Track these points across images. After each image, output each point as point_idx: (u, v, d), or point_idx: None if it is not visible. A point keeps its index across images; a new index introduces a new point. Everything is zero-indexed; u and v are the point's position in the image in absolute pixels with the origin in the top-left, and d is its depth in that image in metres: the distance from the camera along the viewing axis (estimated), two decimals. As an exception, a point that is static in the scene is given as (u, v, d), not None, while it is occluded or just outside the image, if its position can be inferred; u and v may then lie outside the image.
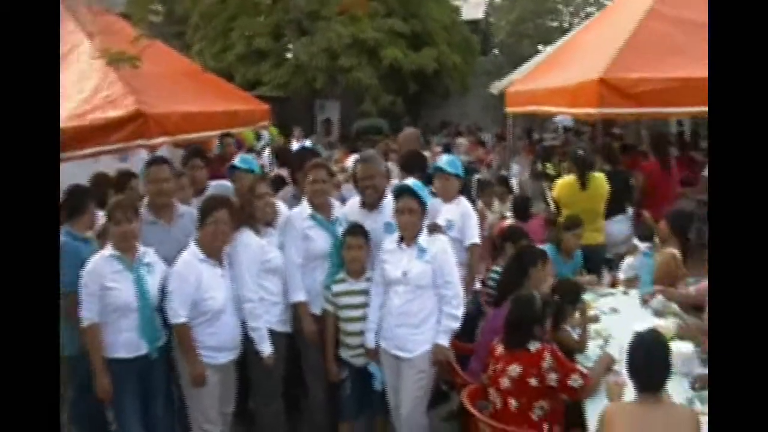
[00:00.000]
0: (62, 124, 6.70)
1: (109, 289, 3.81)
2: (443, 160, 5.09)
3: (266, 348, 4.09)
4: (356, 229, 4.24)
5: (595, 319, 4.50)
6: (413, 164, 5.27)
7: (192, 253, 3.98)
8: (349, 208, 4.59)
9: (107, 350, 3.87)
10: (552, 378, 3.45)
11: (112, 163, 7.61)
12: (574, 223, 5.30)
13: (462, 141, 13.40)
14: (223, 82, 10.47)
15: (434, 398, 4.41)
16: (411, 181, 4.14)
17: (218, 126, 8.24)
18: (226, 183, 5.34)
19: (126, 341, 3.88)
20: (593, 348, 4.10)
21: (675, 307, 4.65)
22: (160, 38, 8.72)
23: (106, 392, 3.85)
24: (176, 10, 17.66)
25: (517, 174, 10.85)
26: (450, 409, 4.86)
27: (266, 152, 10.59)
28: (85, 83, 6.99)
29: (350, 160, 9.66)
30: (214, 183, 5.44)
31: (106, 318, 3.86)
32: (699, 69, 6.51)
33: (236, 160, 5.46)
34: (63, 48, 7.51)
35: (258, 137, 9.65)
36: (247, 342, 4.13)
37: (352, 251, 4.20)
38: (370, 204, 4.41)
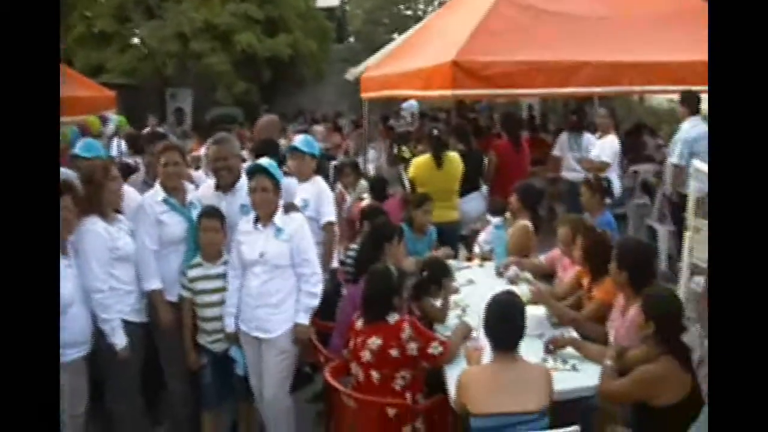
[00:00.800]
0: None
1: None
2: (297, 140, 5.11)
3: (119, 340, 3.87)
4: (211, 212, 4.12)
5: (454, 291, 4.63)
6: (266, 151, 5.19)
7: None
8: (202, 191, 4.47)
9: None
10: (412, 347, 3.50)
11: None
12: (423, 199, 5.41)
13: (319, 128, 13.37)
14: (63, 66, 9.85)
15: (298, 381, 4.37)
16: (264, 160, 4.06)
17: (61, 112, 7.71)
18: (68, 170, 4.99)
19: None
20: (452, 318, 4.23)
21: (528, 275, 4.88)
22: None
23: None
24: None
25: (374, 159, 10.95)
26: (315, 390, 4.84)
27: (114, 141, 10.08)
28: None
29: (204, 150, 9.38)
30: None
31: None
32: (546, 53, 6.93)
33: (79, 148, 5.11)
34: None
35: (104, 122, 9.13)
36: (99, 335, 3.88)
37: (208, 234, 4.07)
38: (225, 186, 4.30)
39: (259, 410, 4.13)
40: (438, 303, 4.30)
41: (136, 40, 18.00)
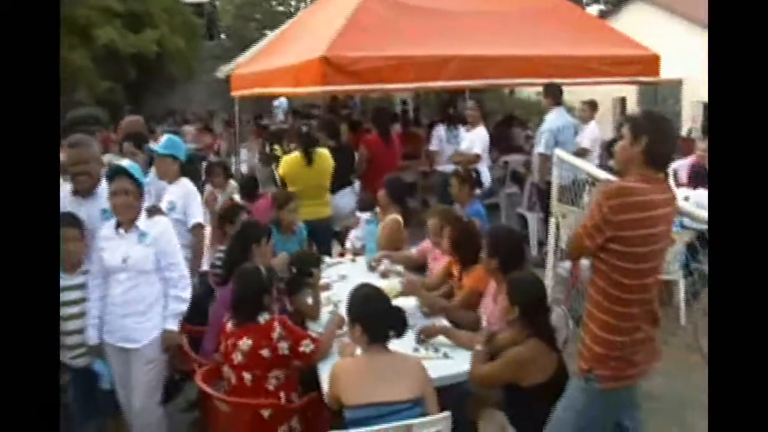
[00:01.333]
0: None
1: None
2: (159, 143, 4.99)
3: None
4: (68, 219, 3.88)
5: (326, 287, 4.63)
6: (140, 138, 5.30)
7: None
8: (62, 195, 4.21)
9: None
10: (283, 347, 3.48)
11: None
12: (288, 198, 5.34)
13: (189, 128, 13.07)
14: None
15: (170, 390, 4.23)
16: (125, 162, 3.90)
17: None
18: None
19: None
20: (324, 314, 4.23)
21: (399, 268, 4.96)
22: None
23: None
24: None
25: (247, 159, 10.80)
26: (188, 398, 4.69)
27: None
28: None
29: (63, 155, 8.90)
30: None
31: None
32: (414, 49, 7.06)
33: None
34: None
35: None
36: None
37: (67, 244, 3.83)
38: (83, 191, 4.09)
39: (129, 424, 3.96)
40: (309, 300, 4.29)
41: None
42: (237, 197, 6.53)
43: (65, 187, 4.24)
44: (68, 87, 17.12)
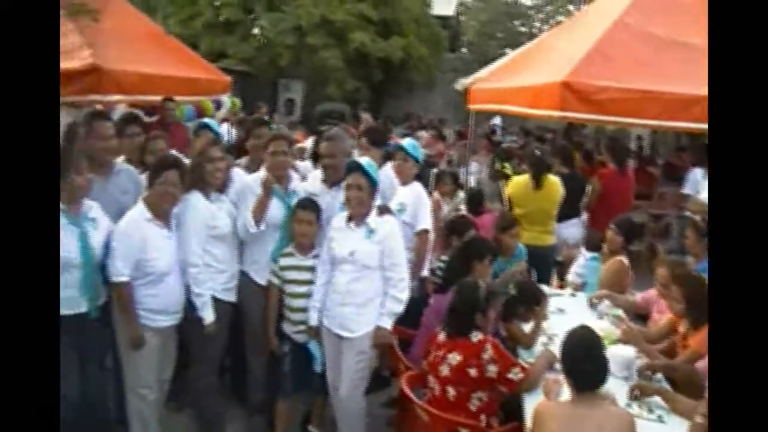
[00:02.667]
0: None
1: None
2: (405, 142, 5.09)
3: (208, 315, 3.98)
4: (307, 203, 4.17)
5: (544, 317, 4.52)
6: (377, 137, 5.30)
7: (138, 211, 3.85)
8: (310, 182, 4.53)
9: None
10: (491, 369, 3.44)
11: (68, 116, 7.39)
12: (510, 223, 5.25)
13: (423, 134, 13.38)
14: (186, 49, 10.25)
15: (375, 383, 4.38)
16: (364, 159, 4.07)
17: (177, 91, 8.06)
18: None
19: (66, 297, 3.68)
20: (537, 345, 4.12)
21: (620, 312, 4.71)
22: (126, -1, 8.51)
23: None
24: (145, -28, 17.27)
25: (476, 172, 10.86)
26: (390, 395, 4.83)
27: (224, 125, 10.45)
28: (42, 31, 6.77)
29: (309, 142, 9.58)
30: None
31: None
32: (660, 83, 6.65)
33: (207, 120, 5.46)
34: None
35: (218, 107, 9.49)
36: (189, 308, 4.01)
37: (302, 226, 4.12)
38: (330, 182, 4.34)
39: (333, 406, 4.15)
40: (526, 328, 4.21)
41: (256, 31, 18.58)
42: (463, 208, 6.58)
43: (316, 174, 4.53)
44: (321, 83, 18.50)
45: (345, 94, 18.07)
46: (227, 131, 9.47)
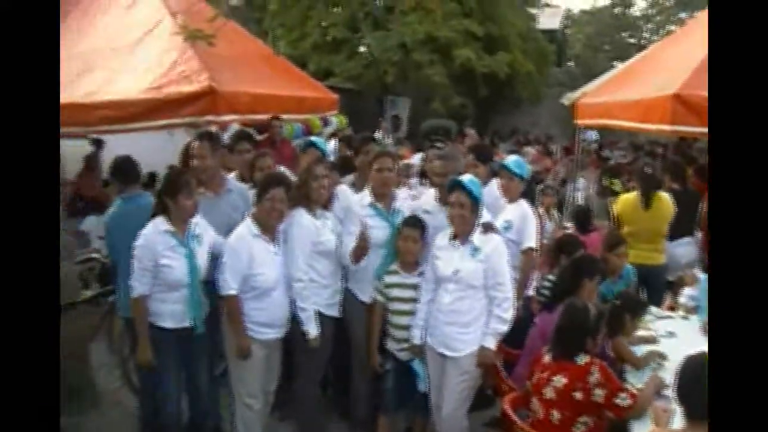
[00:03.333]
0: (140, 96, 6.99)
1: (163, 266, 3.86)
2: (509, 159, 5.04)
3: (312, 329, 4.09)
4: (413, 221, 4.21)
5: (653, 340, 4.36)
6: (483, 153, 5.33)
7: (246, 227, 4.01)
8: (424, 200, 4.56)
9: (153, 318, 3.96)
10: (598, 394, 3.34)
11: (185, 137, 7.83)
12: (617, 242, 5.07)
13: (530, 150, 13.26)
14: (295, 68, 10.58)
15: (478, 402, 4.34)
16: (466, 177, 4.06)
17: (286, 109, 8.36)
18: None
19: (172, 312, 3.96)
20: (645, 369, 3.97)
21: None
22: (240, 22, 8.90)
23: (147, 361, 3.95)
24: (256, -4, 18.02)
25: (583, 188, 10.65)
26: (493, 414, 4.78)
27: (332, 142, 10.71)
28: (165, 57, 7.23)
29: (415, 158, 9.67)
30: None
31: (155, 289, 3.93)
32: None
33: (314, 138, 5.63)
34: (149, 24, 7.78)
35: (325, 124, 9.77)
36: (294, 322, 4.13)
37: (407, 243, 4.16)
38: (445, 200, 4.28)
39: (435, 425, 4.16)
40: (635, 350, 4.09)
41: (362, 48, 18.94)
42: (569, 225, 6.45)
43: (431, 192, 4.54)
44: (426, 99, 18.63)
45: (450, 110, 18.08)
46: (334, 148, 9.70)
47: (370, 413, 4.45)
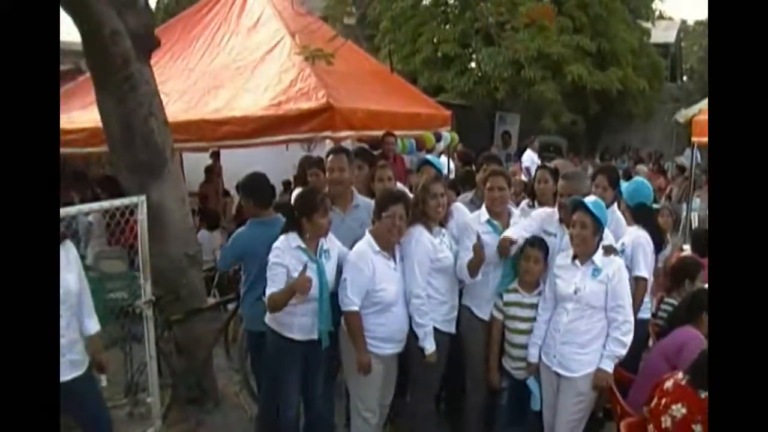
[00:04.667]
0: (261, 113, 7.33)
1: (294, 279, 3.92)
2: (628, 188, 4.90)
3: (430, 345, 4.14)
4: (536, 242, 4.19)
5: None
6: (614, 176, 4.98)
7: (367, 243, 4.08)
8: (545, 218, 4.45)
9: (282, 328, 4.10)
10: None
11: (299, 151, 8.14)
12: None
13: (642, 168, 12.91)
14: (408, 85, 10.78)
15: (589, 425, 4.27)
16: (590, 198, 4.02)
17: (400, 125, 8.53)
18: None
19: (301, 324, 4.06)
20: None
21: None
22: (352, 39, 9.16)
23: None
24: (368, 14, 18.36)
25: (699, 209, 10.28)
26: (602, 437, 4.71)
27: (443, 157, 10.85)
28: (284, 76, 7.56)
29: (525, 175, 9.62)
30: None
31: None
32: None
33: (429, 156, 5.67)
34: (270, 43, 8.15)
35: (438, 139, 9.89)
36: (411, 337, 4.19)
37: (529, 263, 4.16)
38: (565, 221, 4.26)
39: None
40: None
41: (473, 65, 18.98)
42: (687, 248, 6.25)
43: (553, 211, 4.45)
44: (537, 115, 18.46)
45: (561, 126, 17.86)
46: (445, 164, 9.80)
47: (483, 430, 4.47)
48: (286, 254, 3.96)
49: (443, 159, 9.78)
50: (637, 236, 4.64)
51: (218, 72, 8.05)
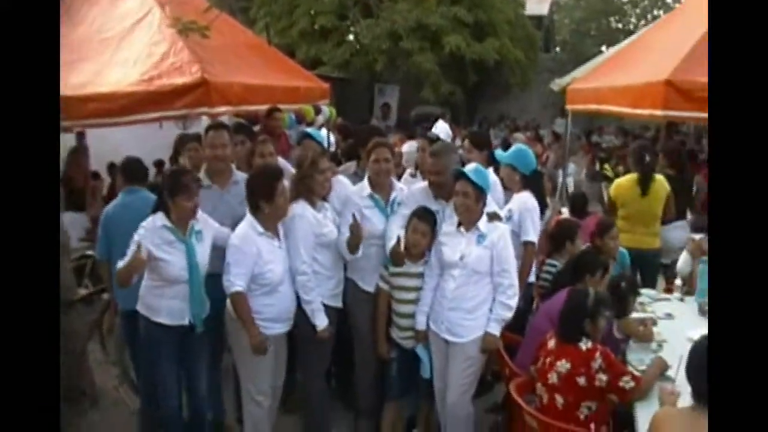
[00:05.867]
0: (131, 89, 6.92)
1: (160, 260, 3.80)
2: (511, 152, 4.97)
3: (320, 321, 4.08)
4: (425, 215, 4.15)
5: (651, 322, 4.40)
6: (483, 141, 5.24)
7: (250, 225, 3.95)
8: (419, 193, 4.43)
9: (150, 313, 3.93)
10: (601, 378, 3.38)
11: (174, 129, 7.78)
12: (606, 226, 5.02)
13: (519, 136, 13.25)
14: (286, 58, 10.52)
15: (479, 388, 4.36)
16: (471, 166, 4.06)
17: (278, 100, 8.31)
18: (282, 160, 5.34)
19: (169, 308, 3.90)
20: (648, 351, 4.02)
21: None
22: (227, 11, 8.83)
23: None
24: (243, -15, 17.82)
25: (574, 174, 10.70)
26: (494, 400, 4.82)
27: (323, 130, 10.72)
28: (155, 48, 7.15)
29: (406, 146, 9.66)
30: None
31: (153, 283, 3.90)
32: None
33: (309, 130, 5.63)
34: (137, 14, 7.69)
35: (317, 113, 9.76)
36: (299, 315, 4.12)
37: (416, 236, 4.13)
38: (443, 197, 4.29)
39: (439, 412, 4.18)
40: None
41: (351, 37, 18.86)
42: (564, 211, 6.47)
43: (423, 185, 4.47)
44: (416, 86, 18.61)
45: (440, 97, 18.09)
46: (326, 138, 9.70)
47: (375, 402, 4.47)
48: (149, 233, 3.79)
49: (323, 132, 9.70)
50: (525, 202, 4.74)
51: (80, 44, 7.51)
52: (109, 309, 5.10)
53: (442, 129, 8.38)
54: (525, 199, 4.76)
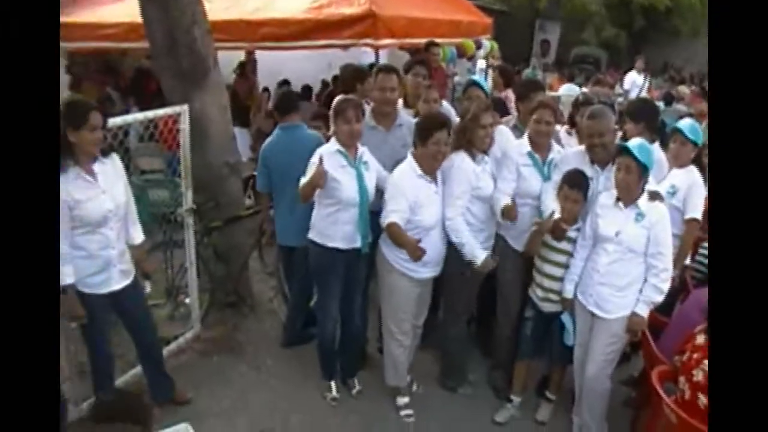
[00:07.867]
0: (301, 16, 7.11)
1: (335, 181, 4.02)
2: (684, 124, 4.65)
3: (479, 254, 4.13)
4: (577, 181, 4.06)
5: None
6: (641, 111, 4.80)
7: (410, 166, 4.08)
8: (573, 157, 4.34)
9: (324, 239, 4.18)
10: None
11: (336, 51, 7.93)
12: None
13: (684, 89, 12.42)
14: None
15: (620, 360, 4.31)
16: (634, 141, 3.87)
17: (441, 34, 8.28)
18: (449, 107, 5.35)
19: (344, 233, 4.14)
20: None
21: None
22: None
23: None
24: None
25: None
26: (630, 373, 4.77)
27: (481, 63, 10.61)
28: (325, -22, 7.27)
29: (563, 88, 9.37)
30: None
31: (329, 210, 4.13)
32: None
33: (476, 78, 5.65)
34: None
35: (478, 47, 9.62)
36: (448, 260, 4.24)
37: (567, 203, 4.06)
38: (599, 161, 4.18)
39: (576, 382, 4.19)
40: None
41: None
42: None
43: (581, 149, 4.36)
44: (578, 26, 17.84)
45: (602, 39, 17.25)
46: (484, 72, 9.58)
47: (509, 357, 4.57)
48: (326, 157, 4.02)
49: (481, 63, 9.56)
50: (694, 177, 4.51)
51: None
52: (267, 222, 5.40)
53: (629, 81, 7.98)
54: (694, 175, 4.52)
